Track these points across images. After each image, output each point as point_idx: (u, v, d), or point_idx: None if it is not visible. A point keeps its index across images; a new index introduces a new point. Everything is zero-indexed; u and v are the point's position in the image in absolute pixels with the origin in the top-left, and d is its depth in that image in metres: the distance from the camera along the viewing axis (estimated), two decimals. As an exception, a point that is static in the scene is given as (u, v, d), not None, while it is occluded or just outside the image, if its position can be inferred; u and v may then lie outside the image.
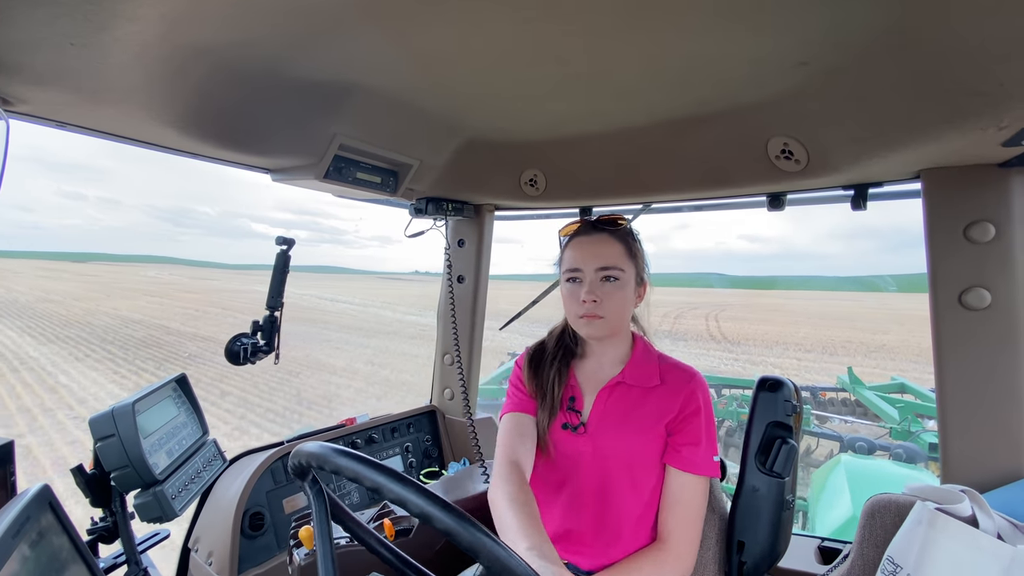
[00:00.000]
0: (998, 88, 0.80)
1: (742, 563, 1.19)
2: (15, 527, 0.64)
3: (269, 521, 1.49)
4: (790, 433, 1.18)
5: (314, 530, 0.72)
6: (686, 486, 1.09)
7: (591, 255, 1.12)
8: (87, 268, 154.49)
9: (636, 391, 1.16)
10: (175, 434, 1.19)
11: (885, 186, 1.29)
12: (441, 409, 2.14)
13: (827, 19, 0.78)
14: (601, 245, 1.13)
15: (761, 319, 44.80)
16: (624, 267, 1.12)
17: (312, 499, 0.72)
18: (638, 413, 1.13)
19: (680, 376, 1.16)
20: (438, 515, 0.53)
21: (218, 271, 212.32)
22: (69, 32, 0.76)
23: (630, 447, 1.12)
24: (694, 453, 1.09)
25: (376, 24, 0.84)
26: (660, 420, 1.12)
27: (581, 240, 1.16)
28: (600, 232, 1.16)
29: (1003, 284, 1.08)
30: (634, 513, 1.12)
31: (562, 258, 1.20)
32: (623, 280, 1.12)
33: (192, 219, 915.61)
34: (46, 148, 58.26)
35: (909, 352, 25.16)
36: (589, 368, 1.22)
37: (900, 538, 1.00)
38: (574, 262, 1.14)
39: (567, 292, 1.16)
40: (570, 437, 1.16)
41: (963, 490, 0.99)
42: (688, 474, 1.09)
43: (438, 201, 1.81)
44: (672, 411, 1.12)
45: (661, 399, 1.14)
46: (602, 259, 1.11)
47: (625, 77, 1.02)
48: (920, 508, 0.99)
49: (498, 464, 1.09)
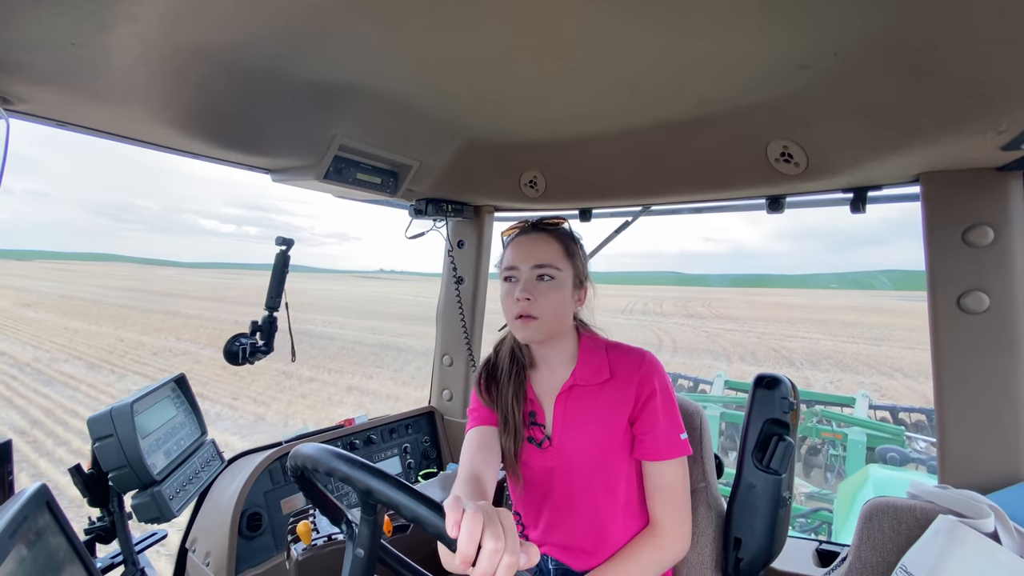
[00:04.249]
0: (997, 92, 0.80)
1: (739, 559, 1.19)
2: (12, 527, 0.64)
3: (267, 522, 1.49)
4: (787, 430, 1.18)
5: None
6: (663, 472, 1.10)
7: (527, 253, 1.11)
8: (65, 265, 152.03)
9: (589, 390, 1.14)
10: (173, 434, 1.19)
11: (884, 189, 1.30)
12: (440, 410, 2.14)
13: (827, 22, 0.78)
14: (538, 244, 1.12)
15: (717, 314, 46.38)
16: (560, 266, 1.10)
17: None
18: (596, 412, 1.12)
19: (630, 363, 1.13)
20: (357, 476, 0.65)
21: (207, 270, 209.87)
22: (70, 32, 0.76)
23: (597, 449, 1.11)
24: (658, 439, 1.09)
25: (376, 24, 0.84)
26: (620, 414, 1.11)
27: (520, 239, 1.15)
28: (539, 232, 1.14)
29: (1001, 288, 1.08)
30: (617, 509, 1.12)
31: (502, 259, 1.18)
32: (559, 280, 1.10)
33: (133, 214, 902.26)
34: (-31, 136, 53.84)
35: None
36: (542, 377, 1.20)
37: (918, 548, 0.98)
38: (510, 260, 1.12)
39: (504, 292, 1.14)
40: (537, 452, 1.15)
41: (991, 506, 0.98)
42: (660, 462, 1.09)
43: (438, 202, 1.82)
44: (629, 402, 1.11)
45: (615, 392, 1.12)
46: (537, 257, 1.10)
47: (625, 77, 1.02)
48: (941, 519, 0.98)
49: (458, 479, 1.04)
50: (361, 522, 0.72)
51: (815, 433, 8.29)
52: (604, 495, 1.12)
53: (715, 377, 10.36)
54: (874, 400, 9.87)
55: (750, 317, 41.98)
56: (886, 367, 21.23)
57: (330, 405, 12.53)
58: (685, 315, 43.98)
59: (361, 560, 0.73)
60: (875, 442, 7.28)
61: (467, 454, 1.10)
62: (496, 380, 1.21)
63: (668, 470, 1.10)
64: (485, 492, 0.99)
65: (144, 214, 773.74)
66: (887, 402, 10.98)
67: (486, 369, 1.25)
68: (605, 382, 1.13)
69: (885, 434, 7.47)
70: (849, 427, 7.78)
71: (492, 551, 0.56)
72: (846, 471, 6.85)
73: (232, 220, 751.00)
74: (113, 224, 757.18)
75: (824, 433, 8.17)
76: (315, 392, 13.87)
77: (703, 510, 1.21)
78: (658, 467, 1.10)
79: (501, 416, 1.16)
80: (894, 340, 28.81)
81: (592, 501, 1.13)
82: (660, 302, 60.24)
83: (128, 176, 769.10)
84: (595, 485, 1.12)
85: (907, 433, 7.67)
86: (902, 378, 18.93)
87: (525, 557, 0.58)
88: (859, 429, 7.55)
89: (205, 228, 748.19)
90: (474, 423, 1.19)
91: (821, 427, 8.26)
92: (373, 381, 15.33)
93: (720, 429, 8.05)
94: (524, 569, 0.58)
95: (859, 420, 8.10)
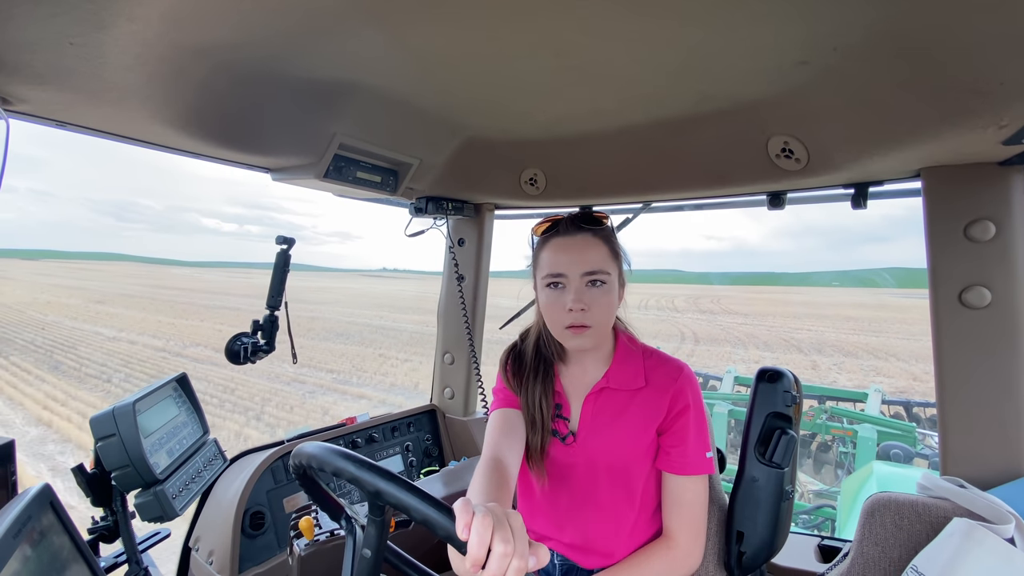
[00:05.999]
0: (998, 87, 0.80)
1: (741, 553, 1.19)
2: (16, 527, 0.64)
3: (269, 520, 1.49)
4: (789, 424, 1.18)
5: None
6: (685, 487, 1.08)
7: (576, 259, 1.03)
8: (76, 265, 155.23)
9: (622, 395, 1.11)
10: (176, 433, 1.19)
11: (885, 184, 1.29)
12: (441, 408, 2.14)
13: (828, 17, 0.78)
14: (586, 248, 1.04)
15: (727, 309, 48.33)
16: (610, 270, 1.04)
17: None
18: (626, 418, 1.10)
19: (666, 374, 1.10)
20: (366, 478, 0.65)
21: (215, 270, 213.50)
22: (69, 31, 0.76)
23: (621, 453, 1.10)
24: (684, 454, 1.07)
25: (375, 22, 0.84)
26: (650, 423, 1.09)
27: (563, 242, 1.06)
28: (583, 232, 1.06)
29: (1003, 283, 1.08)
30: (633, 513, 1.12)
31: (538, 260, 1.09)
32: (609, 284, 1.04)
33: (136, 213, 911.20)
34: (-23, 136, 55.94)
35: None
36: (573, 373, 1.16)
37: (931, 549, 0.98)
38: (556, 266, 1.04)
39: (549, 299, 1.06)
40: (560, 447, 1.13)
41: (1010, 512, 0.97)
42: (683, 476, 1.08)
43: (438, 200, 1.81)
44: (661, 413, 1.08)
45: (648, 401, 1.09)
46: (588, 263, 1.02)
47: (625, 74, 1.02)
48: (957, 522, 0.98)
49: (480, 461, 1.02)
50: (368, 522, 0.72)
51: (825, 430, 8.21)
52: (622, 498, 1.11)
53: (725, 373, 10.24)
54: (887, 395, 9.69)
55: (758, 312, 44.85)
56: (883, 353, 23.72)
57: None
58: (697, 311, 47.14)
59: (368, 560, 0.73)
60: (886, 439, 7.18)
61: (491, 436, 1.07)
62: (522, 370, 1.16)
63: (690, 486, 1.08)
64: (507, 476, 0.96)
65: (147, 213, 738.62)
66: (901, 397, 10.78)
67: (513, 354, 1.20)
68: (639, 389, 1.10)
69: (896, 431, 7.39)
70: (860, 424, 7.69)
71: (502, 554, 0.56)
72: (856, 468, 6.84)
73: (234, 219, 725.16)
74: (117, 223, 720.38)
75: (834, 430, 8.06)
76: (416, 369, 18.10)
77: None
78: (680, 481, 1.08)
79: (527, 412, 1.13)
80: (892, 332, 31.53)
81: (609, 503, 1.12)
82: (671, 299, 62.98)
83: (130, 175, 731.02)
84: (614, 488, 1.11)
85: (919, 430, 7.53)
86: (896, 361, 21.40)
87: (534, 559, 0.58)
88: (870, 426, 7.45)
89: (207, 227, 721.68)
90: (499, 404, 1.16)
91: (831, 424, 8.16)
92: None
93: (729, 426, 7.90)
94: (533, 571, 0.58)
95: (869, 417, 8.02)
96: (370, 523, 0.71)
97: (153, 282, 71.23)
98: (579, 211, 1.11)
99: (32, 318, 27.16)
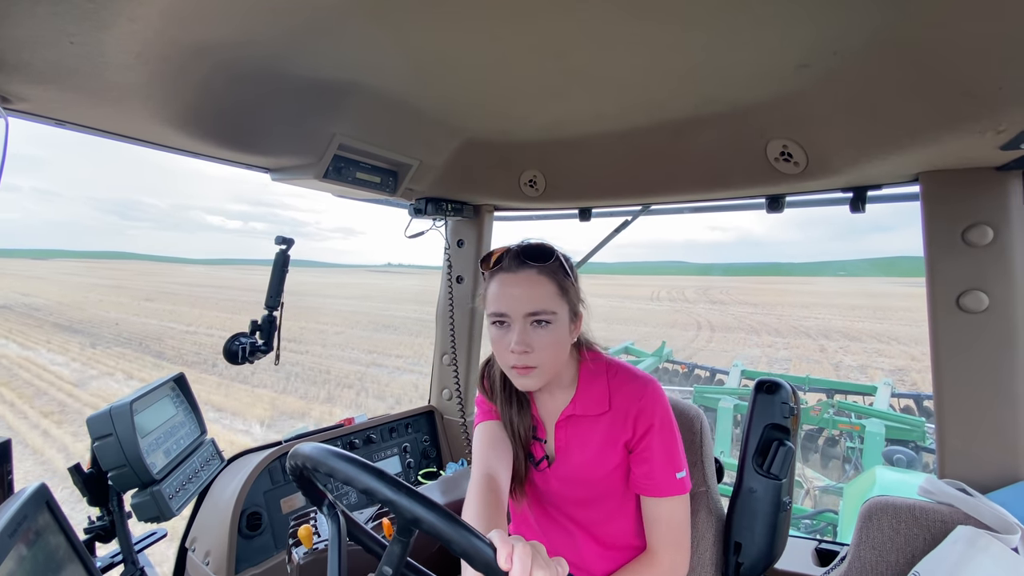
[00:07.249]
0: (996, 92, 0.80)
1: (739, 564, 1.19)
2: (12, 526, 0.64)
3: (267, 521, 1.49)
4: (787, 435, 1.19)
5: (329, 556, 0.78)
6: (660, 507, 1.06)
7: (518, 300, 0.97)
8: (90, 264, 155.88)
9: (588, 419, 1.09)
10: (173, 433, 1.19)
11: (883, 188, 1.30)
12: (440, 410, 2.14)
13: (827, 22, 0.78)
14: (528, 286, 0.98)
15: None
16: (556, 309, 0.99)
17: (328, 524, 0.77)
18: (594, 443, 1.09)
19: (630, 393, 1.07)
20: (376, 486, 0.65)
21: (226, 267, 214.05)
22: (69, 30, 0.76)
23: (597, 478, 1.09)
24: (651, 476, 1.05)
25: (375, 23, 0.84)
26: (617, 444, 1.08)
27: (506, 278, 1.00)
28: (527, 268, 0.99)
29: (1001, 287, 1.08)
30: (614, 533, 1.12)
31: (485, 294, 1.05)
32: (556, 323, 0.98)
33: (140, 212, 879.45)
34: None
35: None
36: (543, 400, 1.15)
37: (934, 555, 0.98)
38: (499, 304, 0.99)
39: (495, 337, 1.02)
40: (536, 472, 1.14)
41: (1016, 523, 0.97)
42: (656, 498, 1.06)
43: (438, 201, 1.81)
44: (627, 431, 1.07)
45: (613, 423, 1.08)
46: (531, 303, 0.97)
47: (625, 76, 1.02)
48: (962, 530, 0.98)
49: (472, 480, 1.01)
50: (393, 541, 0.71)
51: (832, 424, 7.99)
52: (602, 519, 1.12)
53: (731, 367, 10.18)
54: (897, 388, 9.48)
55: (767, 303, 46.05)
56: (885, 337, 25.15)
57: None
58: (708, 301, 48.05)
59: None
60: (894, 434, 7.00)
61: (479, 451, 1.06)
62: (495, 391, 1.15)
63: (664, 505, 1.06)
64: (500, 492, 0.96)
65: (151, 212, 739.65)
66: (911, 390, 10.52)
67: (489, 371, 1.19)
68: (603, 413, 1.08)
69: (904, 425, 7.23)
70: (867, 418, 7.56)
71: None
72: (863, 464, 6.72)
73: (238, 216, 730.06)
74: (121, 222, 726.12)
75: (841, 424, 7.84)
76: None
77: (703, 514, 1.21)
78: (652, 502, 1.07)
79: (508, 429, 1.12)
80: (895, 319, 32.95)
81: (588, 524, 1.13)
82: (682, 290, 64.60)
83: (134, 173, 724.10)
84: (594, 509, 1.12)
85: (928, 424, 7.29)
86: (897, 345, 22.81)
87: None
88: (877, 420, 7.29)
89: (212, 224, 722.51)
90: (483, 416, 1.15)
91: (838, 418, 7.95)
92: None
93: (735, 421, 7.87)
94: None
95: (877, 411, 7.95)
96: (395, 542, 0.71)
97: (167, 280, 71.22)
98: (524, 244, 1.04)
99: (96, 316, 27.04)
